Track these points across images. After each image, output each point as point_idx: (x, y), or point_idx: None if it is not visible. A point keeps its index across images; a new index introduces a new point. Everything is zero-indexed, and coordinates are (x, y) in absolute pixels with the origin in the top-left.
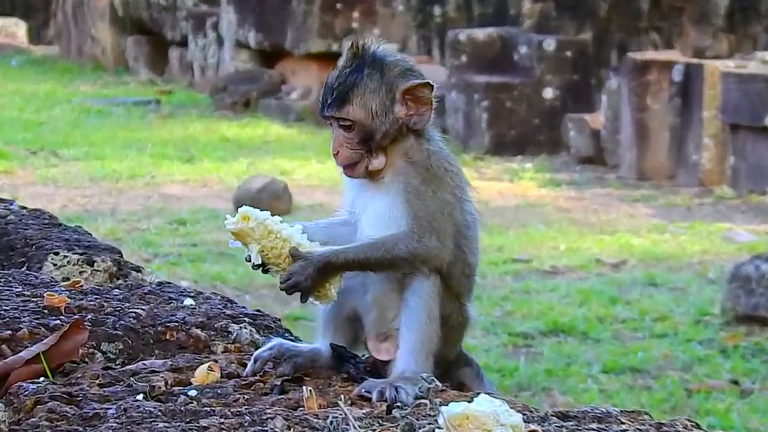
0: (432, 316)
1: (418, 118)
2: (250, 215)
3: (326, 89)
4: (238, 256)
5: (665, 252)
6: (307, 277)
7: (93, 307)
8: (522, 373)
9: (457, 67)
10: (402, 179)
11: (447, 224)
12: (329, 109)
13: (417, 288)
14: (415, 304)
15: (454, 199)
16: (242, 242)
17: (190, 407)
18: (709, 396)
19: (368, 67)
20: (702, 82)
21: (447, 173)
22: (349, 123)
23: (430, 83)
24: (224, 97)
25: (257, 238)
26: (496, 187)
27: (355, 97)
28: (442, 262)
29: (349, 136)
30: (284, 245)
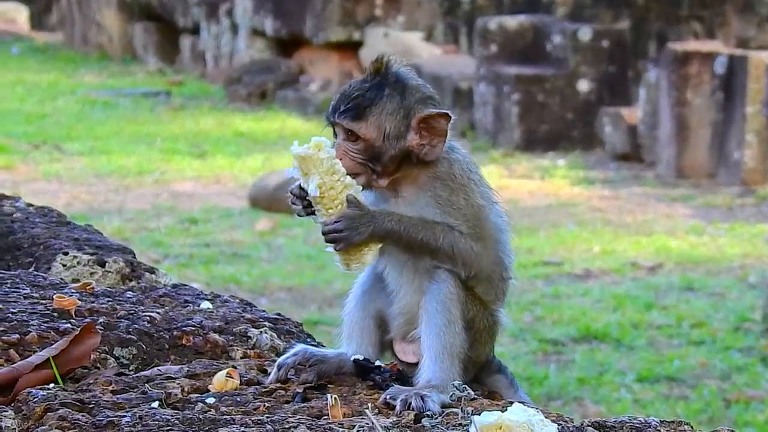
0: (452, 320)
1: (429, 149)
2: (324, 146)
3: (342, 97)
4: (252, 256)
5: (704, 255)
6: (357, 227)
7: (105, 310)
8: (552, 382)
9: (486, 58)
10: (429, 194)
11: (488, 230)
12: (340, 117)
13: (435, 291)
14: (433, 308)
15: (486, 202)
16: (303, 171)
17: (208, 415)
18: (749, 406)
19: (389, 87)
20: (746, 75)
21: (471, 180)
22: (356, 136)
23: (448, 114)
24: (238, 89)
25: (321, 172)
26: (526, 185)
27: (371, 114)
28: (480, 267)
29: (354, 149)
30: (343, 190)
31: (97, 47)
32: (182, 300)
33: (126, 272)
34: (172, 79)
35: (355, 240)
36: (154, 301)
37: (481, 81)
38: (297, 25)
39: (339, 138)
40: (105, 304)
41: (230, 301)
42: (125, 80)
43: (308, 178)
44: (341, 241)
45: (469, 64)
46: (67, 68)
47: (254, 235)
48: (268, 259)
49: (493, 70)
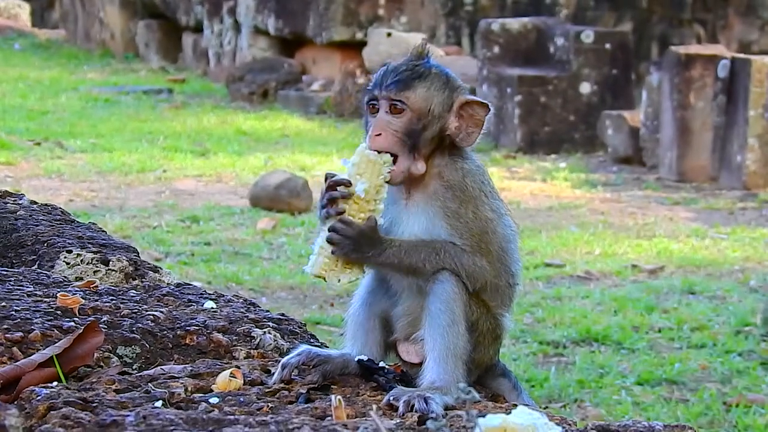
0: (455, 320)
1: (465, 136)
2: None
3: (388, 71)
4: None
5: (705, 258)
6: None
7: (108, 308)
8: (552, 384)
9: (489, 59)
10: (439, 204)
11: (493, 244)
12: (386, 89)
13: (438, 292)
14: (436, 308)
15: (495, 215)
16: (359, 170)
17: (212, 415)
18: (749, 410)
19: (435, 68)
20: (748, 79)
21: (482, 192)
22: (402, 108)
23: (488, 106)
24: (241, 87)
25: (374, 180)
26: (527, 187)
27: (420, 85)
28: (486, 280)
29: (397, 123)
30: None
31: (100, 44)
32: (186, 299)
33: (129, 271)
34: (175, 77)
35: (351, 256)
36: (158, 300)
37: (484, 82)
38: (300, 24)
39: (381, 112)
40: (108, 302)
41: (234, 300)
42: (128, 77)
43: (359, 179)
44: (341, 248)
45: (472, 66)
46: (69, 65)
47: (255, 233)
48: (270, 258)
49: (495, 71)
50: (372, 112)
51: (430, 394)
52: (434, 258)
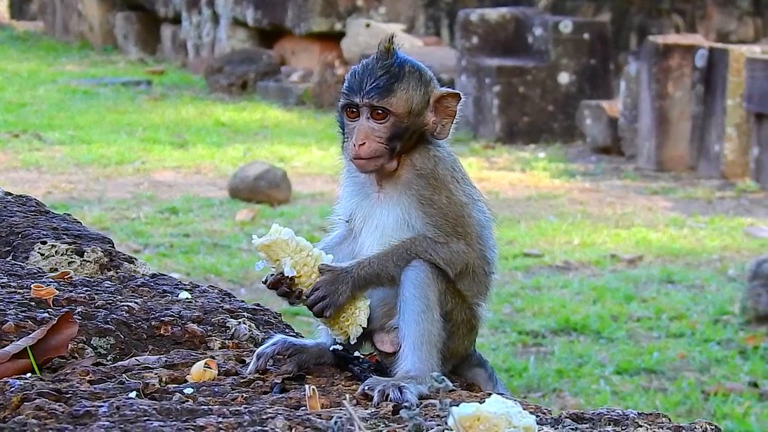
0: (429, 306)
1: (441, 128)
2: (281, 230)
3: (364, 75)
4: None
5: (684, 247)
6: (336, 289)
7: (83, 299)
8: (531, 374)
9: (468, 50)
10: (412, 192)
11: (471, 226)
12: (368, 96)
13: (411, 278)
14: (410, 294)
15: (468, 200)
16: (272, 258)
17: (186, 406)
18: (727, 399)
19: (407, 65)
20: (726, 69)
21: (454, 178)
22: (385, 114)
23: (459, 95)
24: (220, 79)
25: (290, 252)
26: (506, 177)
27: (400, 89)
28: (466, 263)
29: (380, 129)
30: (315, 263)
31: (78, 36)
32: (160, 290)
33: (104, 262)
34: (153, 69)
35: (340, 301)
36: (133, 291)
37: (462, 73)
38: (278, 15)
39: (362, 119)
40: (83, 293)
41: (209, 291)
42: (106, 69)
43: (280, 263)
44: (328, 307)
45: (451, 56)
46: (47, 57)
47: (234, 225)
48: (249, 250)
49: (474, 62)
50: (351, 118)
51: (404, 384)
52: (406, 257)
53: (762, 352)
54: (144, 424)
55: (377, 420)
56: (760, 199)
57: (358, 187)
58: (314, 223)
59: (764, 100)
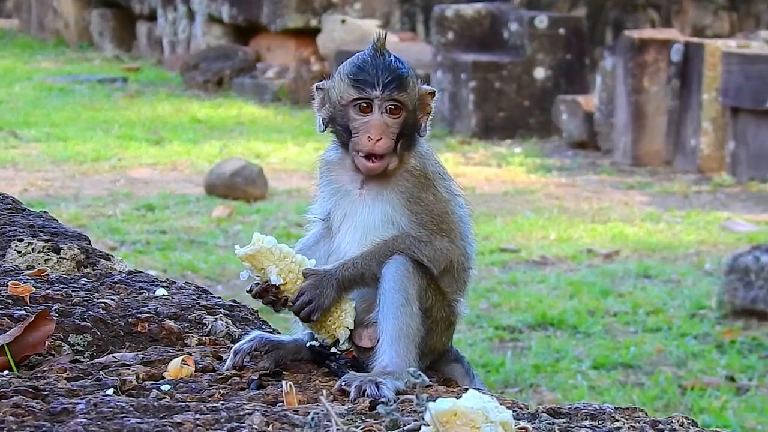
0: (408, 299)
1: (422, 125)
2: (264, 238)
3: (376, 69)
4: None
5: (660, 242)
6: (321, 292)
7: (60, 296)
8: (508, 369)
9: (443, 45)
10: (402, 190)
11: (454, 223)
12: (388, 89)
13: (391, 272)
14: (390, 287)
15: (450, 195)
16: (256, 267)
17: (164, 402)
18: (704, 393)
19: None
20: (702, 63)
21: (438, 174)
22: (399, 109)
23: (435, 91)
24: (195, 75)
25: (275, 261)
26: (483, 172)
27: (410, 84)
28: (451, 260)
29: (393, 125)
30: (299, 268)
31: (54, 33)
32: (137, 287)
33: (81, 259)
34: (129, 66)
35: (325, 303)
36: (109, 287)
37: (438, 68)
38: (254, 11)
39: (376, 114)
40: (60, 290)
41: (186, 287)
42: (82, 66)
43: (265, 272)
44: (315, 311)
45: (426, 52)
46: (23, 54)
47: (211, 221)
48: (225, 246)
49: (449, 57)
50: (364, 112)
51: (381, 379)
52: (389, 255)
53: (739, 346)
54: (121, 420)
55: (354, 416)
56: (737, 193)
57: (337, 184)
58: (291, 219)
59: (740, 94)
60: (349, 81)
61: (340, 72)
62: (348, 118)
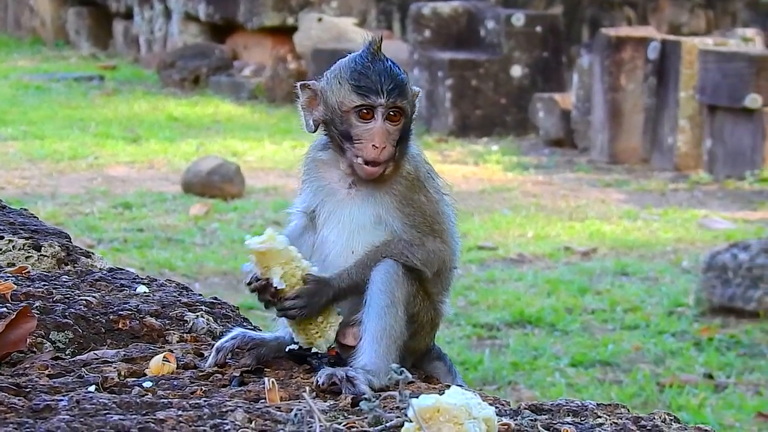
0: (394, 302)
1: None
2: (277, 237)
3: (379, 75)
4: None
5: (637, 240)
6: (317, 300)
7: (41, 294)
8: (486, 367)
9: (420, 43)
10: (395, 192)
11: (445, 222)
12: (390, 97)
13: (380, 274)
14: (377, 288)
15: (439, 195)
16: (262, 264)
17: (146, 399)
18: (682, 390)
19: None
20: (679, 61)
21: (427, 174)
22: (400, 115)
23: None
24: (172, 74)
25: (282, 263)
26: (460, 170)
27: (409, 91)
28: (443, 261)
29: (394, 132)
30: (301, 273)
31: (30, 32)
32: (118, 284)
33: (62, 256)
34: (106, 64)
35: (317, 311)
36: (90, 285)
37: (415, 66)
38: (230, 9)
39: (379, 121)
40: (41, 288)
41: (166, 285)
42: (58, 65)
43: (269, 271)
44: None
45: (403, 50)
46: None
47: (188, 219)
48: (202, 244)
49: (426, 55)
50: (366, 119)
51: (354, 374)
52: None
53: (716, 343)
54: (104, 417)
55: (337, 412)
56: (714, 190)
57: (324, 181)
58: (268, 217)
59: (717, 92)
60: (350, 87)
61: (337, 76)
62: (349, 124)
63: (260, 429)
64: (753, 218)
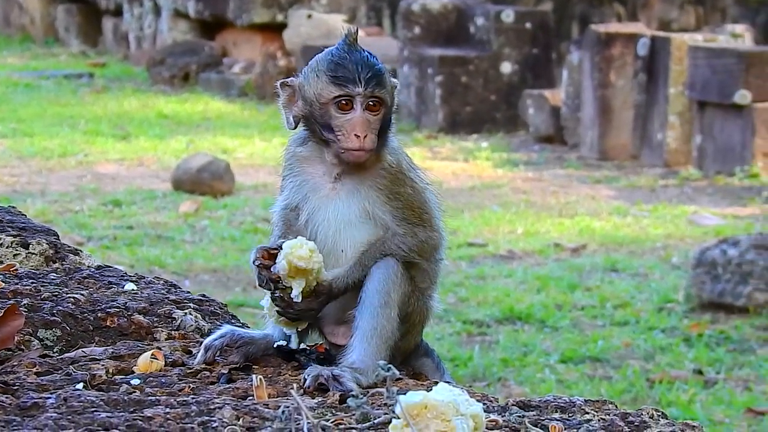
0: (388, 303)
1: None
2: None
3: (356, 65)
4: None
5: (627, 236)
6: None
7: (29, 291)
8: (476, 363)
9: (410, 40)
10: (380, 186)
11: (433, 210)
12: (369, 86)
13: (377, 274)
14: (373, 288)
15: (424, 184)
16: (290, 274)
17: (133, 396)
18: (672, 386)
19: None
20: (668, 57)
21: (411, 166)
22: (380, 105)
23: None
24: (162, 71)
25: (307, 276)
26: (450, 167)
27: (388, 81)
28: (436, 248)
29: (375, 121)
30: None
31: (20, 29)
32: (106, 281)
33: (50, 254)
34: (95, 61)
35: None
36: (78, 282)
37: (405, 63)
38: (220, 6)
39: (359, 111)
40: (29, 285)
41: (154, 282)
42: (48, 62)
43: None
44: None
45: (393, 46)
46: None
47: (178, 217)
48: (192, 241)
49: (416, 52)
50: (344, 110)
51: (341, 372)
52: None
53: (706, 339)
54: (92, 415)
55: (325, 409)
56: (703, 187)
57: (306, 176)
58: (258, 214)
59: (707, 88)
60: (328, 78)
61: (314, 69)
62: (329, 116)
63: (248, 426)
64: (742, 214)
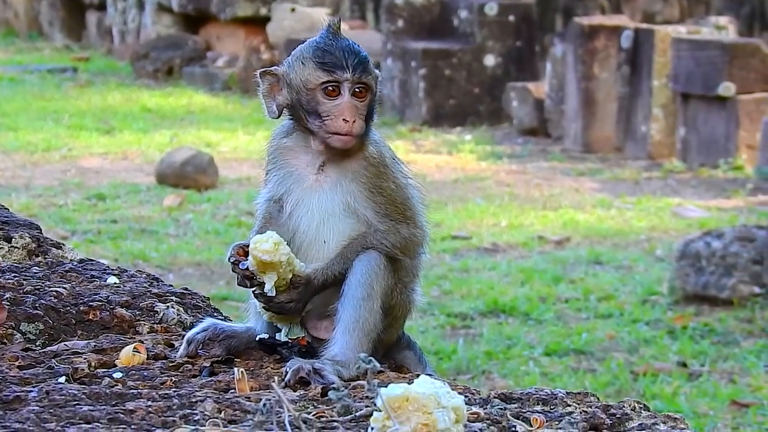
0: (371, 295)
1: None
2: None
3: (343, 52)
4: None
5: (611, 228)
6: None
7: (11, 285)
8: (460, 356)
9: (393, 33)
10: (363, 180)
11: (416, 206)
12: (356, 72)
13: (360, 265)
14: (356, 280)
15: (406, 180)
16: (258, 268)
17: (116, 390)
18: (656, 379)
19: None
20: (652, 49)
21: (394, 160)
22: (366, 91)
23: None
24: (145, 65)
25: (278, 270)
26: (433, 160)
27: (370, 67)
28: (420, 244)
29: (361, 107)
30: (291, 276)
31: (3, 23)
32: (89, 275)
33: (32, 248)
34: (79, 56)
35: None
36: (61, 276)
37: (388, 56)
38: (203, 0)
39: (346, 96)
40: (11, 279)
41: (137, 276)
42: (32, 56)
43: (264, 275)
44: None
45: (376, 40)
46: None
47: (162, 210)
48: (176, 235)
49: (399, 45)
50: (332, 96)
51: (322, 365)
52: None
53: (690, 331)
54: (74, 408)
55: (306, 402)
56: (687, 179)
57: (290, 168)
58: (242, 207)
59: (690, 80)
60: (315, 64)
61: (299, 57)
62: (316, 101)
63: (229, 419)
64: (726, 206)
